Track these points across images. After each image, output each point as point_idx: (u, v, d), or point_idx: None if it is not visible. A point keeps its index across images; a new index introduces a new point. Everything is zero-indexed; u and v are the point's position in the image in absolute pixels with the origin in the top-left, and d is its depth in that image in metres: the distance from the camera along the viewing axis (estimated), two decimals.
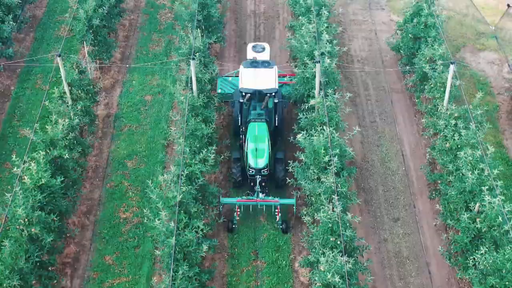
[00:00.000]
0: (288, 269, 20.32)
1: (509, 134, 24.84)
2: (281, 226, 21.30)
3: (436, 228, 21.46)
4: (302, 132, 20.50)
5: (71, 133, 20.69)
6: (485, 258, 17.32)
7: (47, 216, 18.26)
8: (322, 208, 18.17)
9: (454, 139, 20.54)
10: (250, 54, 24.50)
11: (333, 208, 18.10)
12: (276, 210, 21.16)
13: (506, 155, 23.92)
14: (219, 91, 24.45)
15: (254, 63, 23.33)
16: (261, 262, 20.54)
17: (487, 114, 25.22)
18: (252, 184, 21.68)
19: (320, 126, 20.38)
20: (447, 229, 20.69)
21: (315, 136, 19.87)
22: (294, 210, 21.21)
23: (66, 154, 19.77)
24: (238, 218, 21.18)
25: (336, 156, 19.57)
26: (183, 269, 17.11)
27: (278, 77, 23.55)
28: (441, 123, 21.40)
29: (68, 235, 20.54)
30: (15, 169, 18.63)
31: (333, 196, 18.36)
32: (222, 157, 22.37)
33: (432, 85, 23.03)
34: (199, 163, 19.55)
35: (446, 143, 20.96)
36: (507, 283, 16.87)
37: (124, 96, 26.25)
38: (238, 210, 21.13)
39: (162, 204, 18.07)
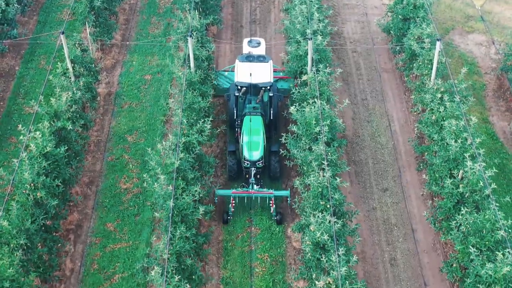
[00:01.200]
0: (281, 235, 21.31)
1: (495, 111, 25.83)
2: (275, 218, 21.71)
3: (423, 197, 22.45)
4: (295, 104, 21.52)
5: (74, 106, 21.70)
6: (466, 219, 18.35)
7: (52, 181, 19.26)
8: (313, 173, 19.18)
9: (439, 112, 21.54)
10: (246, 49, 24.68)
11: (323, 174, 19.12)
12: (271, 202, 21.63)
13: (491, 130, 24.91)
14: (214, 83, 24.69)
15: (250, 57, 23.61)
16: (255, 229, 21.53)
17: (475, 92, 26.38)
18: (247, 176, 22.03)
19: (312, 100, 21.38)
20: (433, 197, 21.66)
21: (307, 108, 20.88)
22: (289, 201, 21.79)
23: (69, 126, 20.77)
24: (233, 210, 21.66)
25: (327, 127, 20.60)
26: (180, 230, 18.13)
27: (274, 71, 23.98)
28: (428, 97, 22.40)
29: (71, 203, 21.54)
30: (21, 137, 19.63)
31: (323, 162, 19.36)
32: (218, 130, 23.34)
33: (420, 63, 24.02)
34: (196, 134, 20.56)
35: (432, 115, 21.96)
36: (487, 242, 17.88)
37: (124, 76, 27.25)
38: (233, 202, 21.63)
39: (161, 170, 19.07)
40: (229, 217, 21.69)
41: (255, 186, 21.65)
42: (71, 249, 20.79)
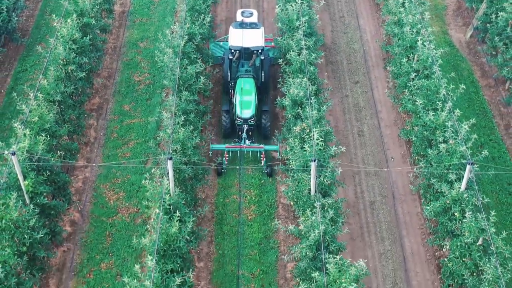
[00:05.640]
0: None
1: (453, 26, 30.18)
2: (266, 171, 23.36)
3: (388, 89, 26.74)
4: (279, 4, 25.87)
5: (96, 7, 26.01)
6: (415, 83, 22.71)
7: (81, 58, 23.59)
8: (293, 52, 23.48)
9: (400, 12, 25.86)
10: (239, 19, 26.31)
11: (300, 54, 23.42)
12: (261, 156, 23.38)
13: (449, 40, 29.27)
14: (210, 52, 26.43)
15: (243, 24, 25.37)
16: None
17: (437, 12, 30.74)
18: (240, 133, 23.66)
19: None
20: (395, 84, 25.94)
21: (289, 6, 25.19)
22: (278, 155, 23.11)
23: (93, 22, 25.09)
24: (226, 163, 23.39)
25: (306, 22, 24.86)
26: (185, 95, 22.44)
27: (266, 41, 26.07)
28: (391, 2, 26.75)
29: (94, 86, 25.83)
30: (54, 23, 23.97)
31: (301, 42, 23.62)
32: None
33: None
34: (197, 27, 24.86)
35: (395, 16, 26.30)
36: (432, 103, 22.18)
37: None
38: (227, 155, 23.42)
39: (171, 50, 23.36)
40: (223, 170, 23.41)
41: (247, 141, 23.44)
42: (94, 123, 25.12)
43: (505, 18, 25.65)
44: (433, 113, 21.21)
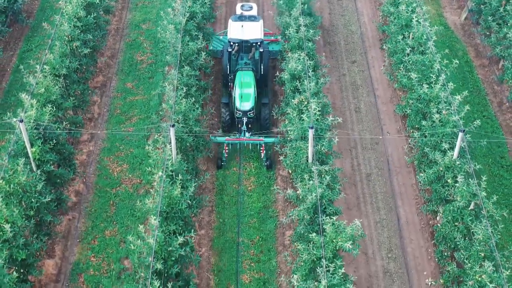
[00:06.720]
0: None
1: (448, 9, 30.88)
2: (266, 164, 23.49)
3: (384, 67, 27.41)
4: None
5: None
6: (410, 58, 23.39)
7: (85, 35, 24.26)
8: (291, 28, 24.14)
9: None
10: (239, 12, 26.42)
11: (298, 31, 24.09)
12: (261, 148, 23.46)
13: (444, 22, 29.95)
14: (210, 48, 26.53)
15: (242, 17, 25.48)
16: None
17: None
18: (239, 126, 23.63)
19: None
20: (391, 62, 26.58)
21: None
22: (278, 147, 22.37)
23: (97, 0, 25.76)
24: (226, 155, 23.52)
25: (304, 3, 25.53)
26: (186, 70, 23.08)
27: (265, 35, 26.20)
28: None
29: (98, 65, 26.51)
30: (60, 1, 24.63)
31: (299, 19, 24.29)
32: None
33: None
34: (199, 5, 25.52)
35: None
36: (426, 78, 22.84)
37: None
38: (227, 148, 23.48)
39: (172, 26, 24.01)
40: (223, 163, 23.55)
41: (246, 134, 23.49)
42: (98, 100, 25.78)
43: None
44: (427, 86, 21.88)
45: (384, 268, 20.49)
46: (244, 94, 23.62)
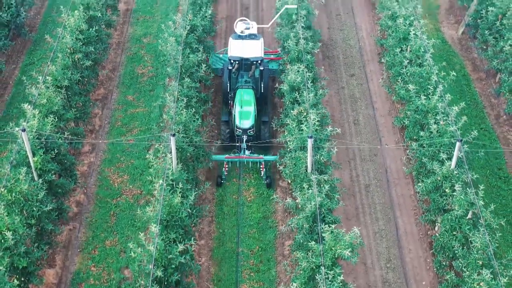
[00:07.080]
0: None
1: (446, 24, 31.26)
2: (265, 182, 23.40)
3: (383, 80, 27.70)
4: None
5: (101, 1, 27.05)
6: (408, 70, 23.68)
7: (87, 48, 24.57)
8: (291, 41, 24.44)
9: (394, 9, 26.89)
10: (239, 30, 25.96)
11: (297, 43, 24.41)
12: (261, 166, 23.45)
13: (442, 36, 30.31)
14: (210, 62, 26.63)
15: (242, 36, 25.55)
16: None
17: (430, 11, 31.80)
18: (239, 143, 23.75)
19: None
20: (389, 75, 26.86)
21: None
22: (278, 165, 22.21)
23: (98, 14, 26.12)
24: (226, 173, 23.50)
25: (304, 16, 25.88)
26: (187, 82, 23.35)
27: (265, 53, 26.38)
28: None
29: (99, 78, 26.79)
30: (62, 14, 24.97)
31: (299, 33, 24.63)
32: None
33: None
34: (199, 19, 25.87)
35: (389, 12, 27.35)
36: (424, 90, 23.10)
37: None
38: (226, 166, 23.45)
39: (173, 38, 24.32)
40: (222, 181, 23.47)
41: (246, 152, 23.58)
42: (99, 112, 26.02)
43: (495, 12, 26.73)
44: (425, 98, 22.13)
45: (383, 278, 20.59)
46: (244, 112, 23.71)
